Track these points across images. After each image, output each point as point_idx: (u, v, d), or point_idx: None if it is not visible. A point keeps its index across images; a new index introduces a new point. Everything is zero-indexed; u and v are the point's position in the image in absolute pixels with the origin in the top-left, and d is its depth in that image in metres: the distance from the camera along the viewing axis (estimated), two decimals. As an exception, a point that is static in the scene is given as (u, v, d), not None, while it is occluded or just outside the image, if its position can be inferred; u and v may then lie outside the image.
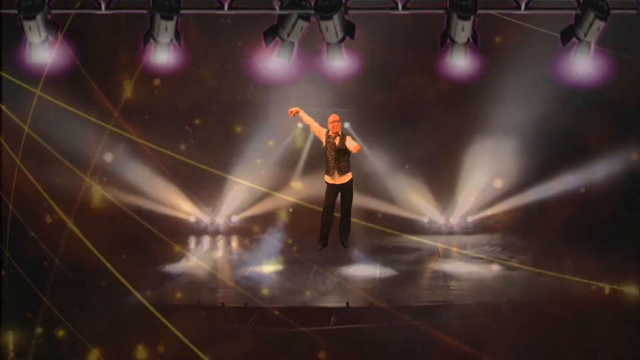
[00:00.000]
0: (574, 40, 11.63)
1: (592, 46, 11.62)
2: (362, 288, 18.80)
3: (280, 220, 21.80)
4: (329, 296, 18.51)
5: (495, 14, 12.06)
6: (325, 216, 11.56)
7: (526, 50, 19.41)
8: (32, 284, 18.18)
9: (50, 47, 11.71)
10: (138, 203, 20.96)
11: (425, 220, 22.07)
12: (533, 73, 19.62)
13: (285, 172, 21.84)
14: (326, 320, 17.33)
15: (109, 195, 20.64)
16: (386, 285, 19.00)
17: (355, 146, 11.20)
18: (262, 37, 11.76)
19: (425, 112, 21.21)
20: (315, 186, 18.72)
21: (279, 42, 11.77)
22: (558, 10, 11.58)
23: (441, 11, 11.41)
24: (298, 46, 11.79)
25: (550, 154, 20.80)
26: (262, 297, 18.21)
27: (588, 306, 17.34)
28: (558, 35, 11.79)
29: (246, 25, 18.92)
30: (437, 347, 16.77)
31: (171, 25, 11.42)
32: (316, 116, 11.74)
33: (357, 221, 19.69)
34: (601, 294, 18.03)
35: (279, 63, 12.06)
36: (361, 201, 20.56)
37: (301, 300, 18.34)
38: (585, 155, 20.60)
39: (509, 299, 17.73)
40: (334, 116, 11.45)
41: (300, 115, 11.45)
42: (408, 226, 21.84)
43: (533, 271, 19.33)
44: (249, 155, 21.55)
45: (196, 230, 21.99)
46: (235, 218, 22.06)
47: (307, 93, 19.80)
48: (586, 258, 18.66)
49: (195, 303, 17.96)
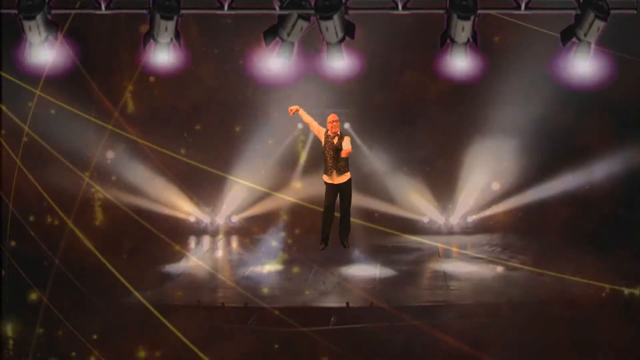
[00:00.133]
0: (574, 40, 11.63)
1: (592, 46, 11.61)
2: (362, 288, 18.81)
3: (280, 220, 21.79)
4: (329, 296, 18.52)
5: (495, 14, 12.05)
6: (325, 216, 11.61)
7: (526, 50, 19.41)
8: (32, 284, 18.18)
9: (50, 47, 11.69)
10: (138, 203, 20.96)
11: (425, 220, 22.06)
12: (533, 73, 19.61)
13: (285, 172, 21.83)
14: (326, 320, 17.33)
15: (109, 195, 20.63)
16: (386, 285, 19.00)
17: (345, 150, 11.26)
18: (262, 37, 11.75)
19: (425, 112, 21.21)
20: (315, 186, 18.71)
21: (279, 42, 11.77)
22: (558, 10, 11.57)
23: (441, 11, 11.40)
24: (298, 46, 11.79)
25: (550, 154, 20.80)
26: (262, 297, 18.21)
27: (588, 306, 17.34)
28: (558, 35, 11.79)
29: (246, 25, 18.91)
30: (437, 347, 16.78)
31: (171, 25, 11.41)
32: (316, 117, 11.77)
33: (357, 221, 19.70)
34: (601, 294, 18.03)
35: (279, 63, 12.05)
36: (361, 201, 20.58)
37: (301, 300, 18.35)
38: (585, 155, 20.60)
39: (509, 299, 17.74)
40: (333, 116, 11.48)
41: (300, 113, 11.49)
42: (408, 226, 21.83)
43: (533, 271, 19.33)
44: (249, 155, 21.55)
45: (196, 230, 21.98)
46: (235, 218, 22.06)
47: (307, 93, 19.77)
48: (586, 258, 18.66)
49: (195, 303, 17.97)
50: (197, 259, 20.58)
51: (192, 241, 21.66)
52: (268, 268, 20.16)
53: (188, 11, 11.50)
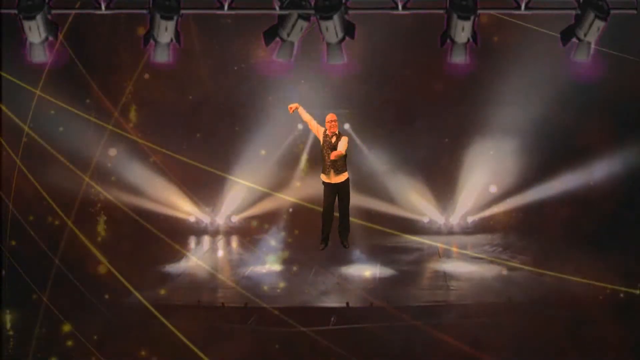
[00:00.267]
0: (574, 40, 11.63)
1: (592, 46, 11.61)
2: (362, 288, 18.80)
3: (280, 220, 21.79)
4: (329, 296, 18.51)
5: (495, 14, 12.06)
6: (325, 217, 11.67)
7: (526, 50, 19.41)
8: (32, 284, 18.18)
9: (50, 47, 11.70)
10: (138, 203, 20.96)
11: (425, 220, 22.06)
12: (533, 73, 19.62)
13: (285, 172, 21.83)
14: (326, 320, 17.33)
15: (109, 195, 20.63)
16: (386, 285, 19.00)
17: (334, 152, 11.31)
18: (262, 37, 11.75)
19: (425, 112, 21.21)
20: (315, 186, 18.71)
21: (279, 42, 11.77)
22: (558, 10, 11.58)
23: (441, 11, 11.40)
24: (298, 46, 11.79)
25: (550, 154, 20.79)
26: (262, 297, 18.21)
27: (588, 306, 17.34)
28: (558, 35, 11.79)
29: (246, 25, 18.90)
30: (437, 347, 16.77)
31: (171, 25, 11.41)
32: (316, 117, 11.79)
33: (357, 221, 19.70)
34: (601, 294, 18.03)
35: (279, 63, 12.05)
36: (361, 201, 20.58)
37: (301, 300, 18.34)
38: (585, 155, 20.59)
39: (509, 299, 17.73)
40: (332, 116, 11.56)
41: (299, 111, 11.56)
42: (408, 226, 21.82)
43: (533, 271, 19.33)
44: (249, 155, 21.54)
45: (196, 230, 21.97)
46: (235, 218, 22.05)
47: (307, 93, 19.79)
48: (586, 258, 18.65)
49: (195, 303, 17.96)
50: (197, 259, 20.58)
51: (192, 241, 21.65)
52: (268, 268, 20.15)
53: (188, 11, 11.50)
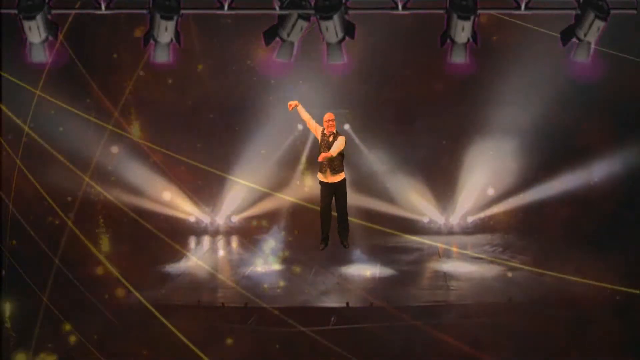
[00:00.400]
0: (574, 40, 11.62)
1: (592, 46, 11.61)
2: (362, 288, 18.80)
3: (280, 220, 21.79)
4: (329, 296, 18.51)
5: (495, 14, 12.06)
6: (323, 216, 11.73)
7: (526, 50, 19.41)
8: (32, 284, 18.18)
9: (50, 47, 11.70)
10: (138, 203, 20.96)
11: (425, 220, 22.06)
12: (533, 73, 19.62)
13: (285, 172, 21.83)
14: (326, 320, 17.32)
15: (109, 195, 20.63)
16: (386, 285, 18.99)
17: (324, 154, 11.36)
18: (262, 37, 11.75)
19: (425, 112, 21.21)
20: (315, 186, 18.71)
21: (279, 42, 11.77)
22: (558, 10, 11.57)
23: (441, 11, 11.39)
24: (298, 46, 11.79)
25: (550, 154, 20.80)
26: (262, 297, 18.20)
27: (588, 306, 17.33)
28: (558, 35, 11.79)
29: (246, 25, 18.91)
30: (437, 347, 16.77)
31: (171, 25, 11.41)
32: (315, 117, 11.81)
33: (357, 221, 19.70)
34: (601, 294, 18.01)
35: (279, 63, 12.06)
36: (361, 201, 20.59)
37: (301, 300, 18.34)
38: (585, 155, 20.60)
39: (509, 299, 17.73)
40: (329, 115, 11.68)
41: (298, 109, 11.67)
42: (408, 226, 21.84)
43: (533, 271, 19.32)
44: (249, 155, 21.55)
45: (196, 230, 21.98)
46: (235, 218, 22.06)
47: (307, 93, 19.79)
48: (586, 258, 18.65)
49: (195, 303, 17.96)
50: (197, 259, 20.58)
51: (192, 241, 21.66)
52: (268, 268, 20.15)
53: (188, 11, 11.50)
